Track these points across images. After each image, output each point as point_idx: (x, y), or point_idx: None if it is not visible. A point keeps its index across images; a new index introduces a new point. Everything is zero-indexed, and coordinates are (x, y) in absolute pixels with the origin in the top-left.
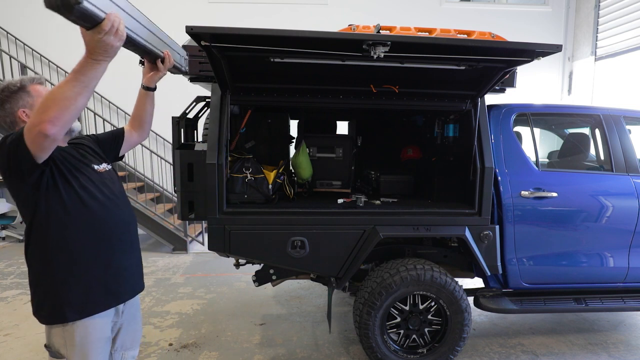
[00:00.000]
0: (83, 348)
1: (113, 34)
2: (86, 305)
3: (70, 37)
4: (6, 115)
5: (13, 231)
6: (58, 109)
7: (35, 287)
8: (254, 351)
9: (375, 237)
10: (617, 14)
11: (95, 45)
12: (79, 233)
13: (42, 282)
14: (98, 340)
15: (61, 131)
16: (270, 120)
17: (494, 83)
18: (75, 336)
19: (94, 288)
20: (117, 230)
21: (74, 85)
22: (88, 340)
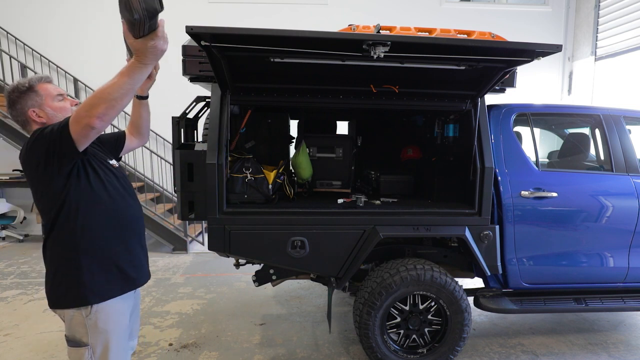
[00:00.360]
0: (105, 334)
1: (163, 39)
2: (107, 289)
3: (71, 37)
4: (18, 115)
5: (13, 231)
6: (106, 106)
7: (56, 275)
8: (254, 351)
9: (375, 237)
10: (617, 14)
11: (147, 51)
12: (103, 220)
13: (61, 269)
14: (119, 325)
15: (105, 126)
16: (270, 120)
17: (494, 83)
18: (98, 322)
19: (115, 273)
20: (132, 221)
21: (121, 87)
22: (110, 326)
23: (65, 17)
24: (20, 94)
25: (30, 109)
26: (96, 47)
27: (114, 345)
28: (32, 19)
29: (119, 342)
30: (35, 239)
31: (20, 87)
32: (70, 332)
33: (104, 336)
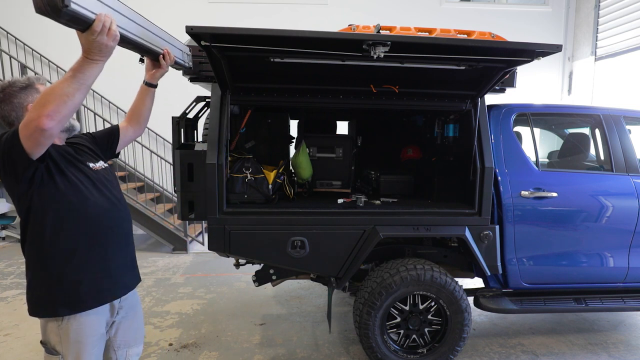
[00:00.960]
0: (77, 344)
1: (106, 34)
2: (78, 301)
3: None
4: (12, 110)
5: (13, 231)
6: (56, 104)
7: (30, 280)
8: (254, 351)
9: (375, 237)
10: (617, 14)
11: (90, 46)
12: (73, 229)
13: (35, 277)
14: (91, 337)
15: (58, 126)
16: (270, 120)
17: (494, 83)
18: (70, 332)
19: (86, 284)
20: (112, 227)
21: (72, 83)
22: (82, 337)
23: None
24: (19, 89)
25: (30, 104)
26: None
27: (86, 357)
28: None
29: (91, 353)
30: None
31: (19, 83)
32: (44, 336)
33: (75, 347)
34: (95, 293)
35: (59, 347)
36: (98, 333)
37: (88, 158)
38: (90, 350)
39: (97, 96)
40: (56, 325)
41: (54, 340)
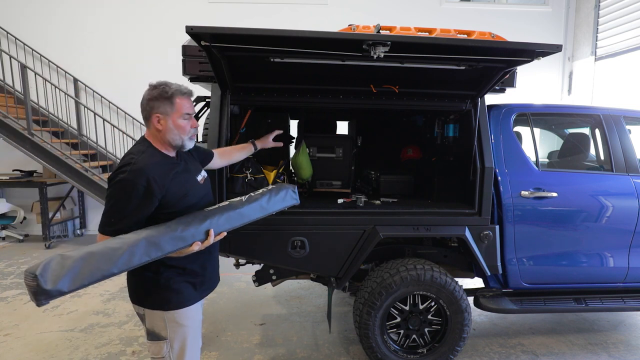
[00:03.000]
0: (183, 329)
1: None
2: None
3: (71, 37)
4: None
5: (13, 231)
6: None
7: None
8: (254, 351)
9: (375, 237)
10: (617, 14)
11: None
12: None
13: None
14: (195, 321)
15: None
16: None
17: (494, 83)
18: (176, 318)
19: (190, 284)
20: None
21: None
22: (187, 321)
23: (65, 17)
24: (158, 96)
25: (156, 114)
26: (96, 47)
27: (190, 340)
28: (32, 19)
29: (195, 337)
30: (35, 239)
31: (163, 92)
32: (150, 325)
33: (181, 331)
34: (193, 293)
35: (165, 332)
36: (199, 318)
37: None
38: (194, 333)
39: (97, 96)
40: (162, 312)
41: (160, 327)
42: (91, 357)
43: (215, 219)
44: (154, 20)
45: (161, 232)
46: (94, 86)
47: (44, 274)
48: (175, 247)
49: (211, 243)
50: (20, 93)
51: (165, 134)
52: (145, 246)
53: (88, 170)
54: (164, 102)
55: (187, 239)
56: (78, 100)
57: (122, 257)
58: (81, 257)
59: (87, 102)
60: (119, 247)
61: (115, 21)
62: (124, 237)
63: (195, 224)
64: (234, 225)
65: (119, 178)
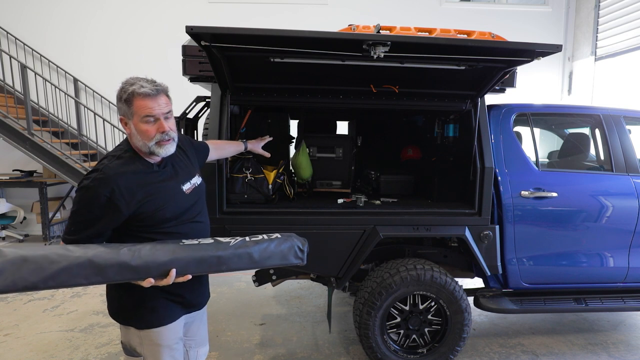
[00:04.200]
0: (158, 347)
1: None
2: (157, 318)
3: (70, 37)
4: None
5: (13, 231)
6: None
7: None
8: (254, 351)
9: (375, 237)
10: (617, 14)
11: None
12: None
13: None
14: (171, 340)
15: None
16: (270, 120)
17: (494, 83)
18: (151, 337)
19: (169, 301)
20: None
21: None
22: (162, 341)
23: (64, 17)
24: (118, 97)
25: (121, 116)
26: (96, 47)
27: (166, 357)
28: (31, 19)
29: (171, 352)
30: (35, 239)
31: (122, 93)
32: (125, 339)
33: (158, 350)
34: (175, 309)
35: (140, 348)
36: (177, 337)
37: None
38: (170, 352)
39: (97, 96)
40: (137, 330)
41: (135, 342)
42: (91, 357)
43: (184, 257)
44: (154, 20)
45: (110, 257)
46: (94, 86)
47: None
48: (122, 278)
49: (169, 284)
50: (20, 93)
51: (132, 137)
52: (87, 267)
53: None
54: (123, 104)
55: (140, 272)
56: (78, 100)
57: (54, 272)
58: (11, 259)
59: (87, 102)
60: (57, 260)
61: (115, 21)
62: (70, 250)
63: (155, 257)
64: (205, 271)
65: (83, 184)
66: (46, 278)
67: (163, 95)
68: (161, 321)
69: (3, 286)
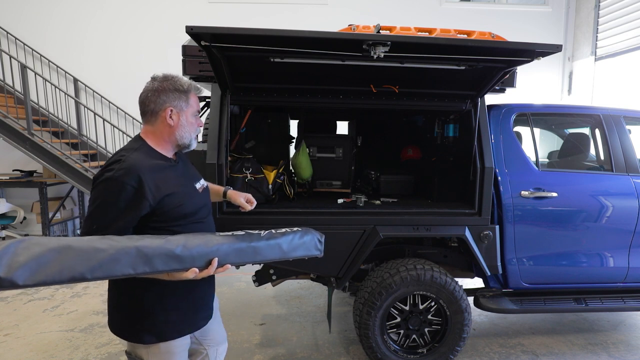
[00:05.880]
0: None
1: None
2: (166, 333)
3: (70, 37)
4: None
5: (13, 231)
6: None
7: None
8: (254, 351)
9: (375, 237)
10: (617, 14)
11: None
12: None
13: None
14: (179, 348)
15: None
16: (270, 120)
17: (494, 83)
18: (159, 349)
19: (176, 318)
20: None
21: None
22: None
23: (64, 17)
24: (172, 89)
25: (170, 107)
26: (96, 47)
27: None
28: (31, 19)
29: None
30: None
31: (178, 85)
32: (130, 348)
33: (165, 357)
34: (182, 325)
35: (147, 357)
36: (186, 346)
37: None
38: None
39: (97, 96)
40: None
41: (142, 352)
42: (91, 357)
43: (224, 247)
44: (154, 20)
45: (157, 245)
46: (94, 86)
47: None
48: (168, 268)
49: (211, 274)
50: (20, 93)
51: (176, 130)
52: (134, 256)
53: (88, 170)
54: (180, 95)
55: (185, 261)
56: (78, 100)
57: (102, 261)
58: (55, 248)
59: (87, 102)
60: (105, 248)
61: (115, 21)
62: (114, 239)
63: (200, 247)
64: (243, 261)
65: (105, 177)
66: (94, 268)
67: None
68: (172, 335)
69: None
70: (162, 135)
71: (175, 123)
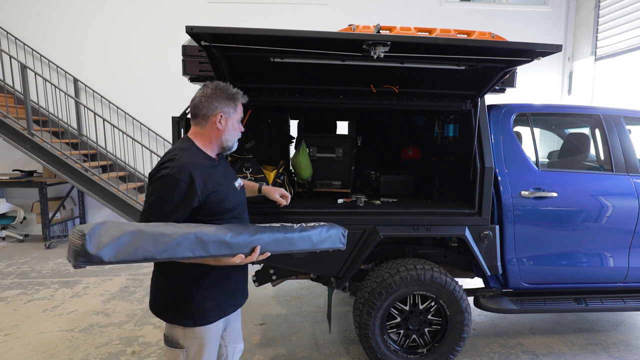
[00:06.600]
0: (201, 340)
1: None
2: (202, 317)
3: (70, 37)
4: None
5: (13, 231)
6: None
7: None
8: (254, 351)
9: (375, 237)
10: (617, 14)
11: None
12: None
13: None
14: (213, 335)
15: None
16: (270, 120)
17: (494, 83)
18: (195, 332)
19: (210, 301)
20: None
21: None
22: (205, 335)
23: (64, 17)
24: (225, 97)
25: (220, 113)
26: (96, 47)
27: (207, 351)
28: (31, 19)
29: (212, 347)
30: (35, 239)
31: (229, 93)
32: (168, 331)
33: (199, 342)
34: (217, 310)
35: (183, 341)
36: (218, 333)
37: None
38: (211, 346)
39: (97, 96)
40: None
41: (179, 335)
42: (91, 357)
43: (265, 236)
44: (154, 20)
45: (211, 232)
46: (94, 86)
47: (92, 236)
48: (219, 253)
49: (253, 260)
50: (20, 93)
51: (223, 133)
52: (193, 241)
53: (88, 170)
54: (229, 103)
55: (234, 248)
56: (78, 100)
57: (168, 244)
58: (130, 231)
59: (87, 102)
60: (169, 233)
61: (115, 21)
62: (176, 226)
63: (246, 234)
64: (280, 250)
65: (161, 174)
66: (162, 250)
67: None
68: (208, 319)
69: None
70: (209, 138)
71: (223, 127)
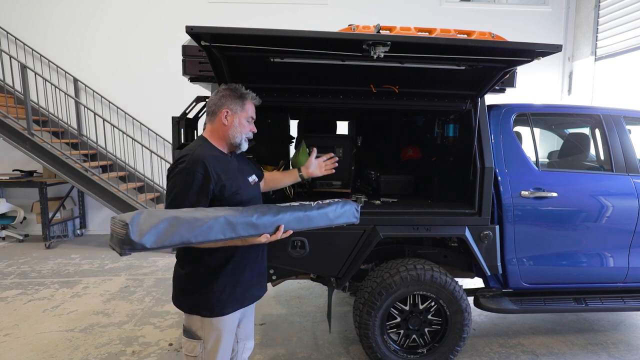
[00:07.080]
0: (217, 332)
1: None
2: (220, 308)
3: (70, 37)
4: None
5: (13, 231)
6: None
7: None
8: (254, 351)
9: (375, 237)
10: (617, 14)
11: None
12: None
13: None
14: (230, 326)
15: None
16: (270, 120)
17: (494, 83)
18: (212, 323)
19: (227, 293)
20: None
21: None
22: (222, 326)
23: (64, 17)
24: (232, 94)
25: (226, 109)
26: (96, 47)
27: (223, 342)
28: (31, 19)
29: (228, 340)
30: (35, 239)
31: (237, 92)
32: (187, 322)
33: (216, 333)
34: (233, 301)
35: (200, 332)
36: (234, 325)
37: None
38: (227, 337)
39: (97, 96)
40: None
41: (197, 326)
42: (91, 357)
43: (287, 215)
44: (154, 20)
45: (239, 214)
46: (94, 86)
47: (134, 224)
48: (247, 234)
49: (278, 238)
50: (20, 93)
51: (229, 129)
52: (223, 224)
53: (88, 170)
54: (236, 100)
55: (260, 228)
56: (78, 100)
57: (201, 228)
58: (167, 218)
59: (87, 102)
60: (202, 218)
61: (115, 21)
62: (206, 210)
63: (270, 215)
64: (300, 227)
65: (178, 169)
66: (196, 234)
67: None
68: (225, 310)
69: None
70: (218, 133)
71: (228, 123)
